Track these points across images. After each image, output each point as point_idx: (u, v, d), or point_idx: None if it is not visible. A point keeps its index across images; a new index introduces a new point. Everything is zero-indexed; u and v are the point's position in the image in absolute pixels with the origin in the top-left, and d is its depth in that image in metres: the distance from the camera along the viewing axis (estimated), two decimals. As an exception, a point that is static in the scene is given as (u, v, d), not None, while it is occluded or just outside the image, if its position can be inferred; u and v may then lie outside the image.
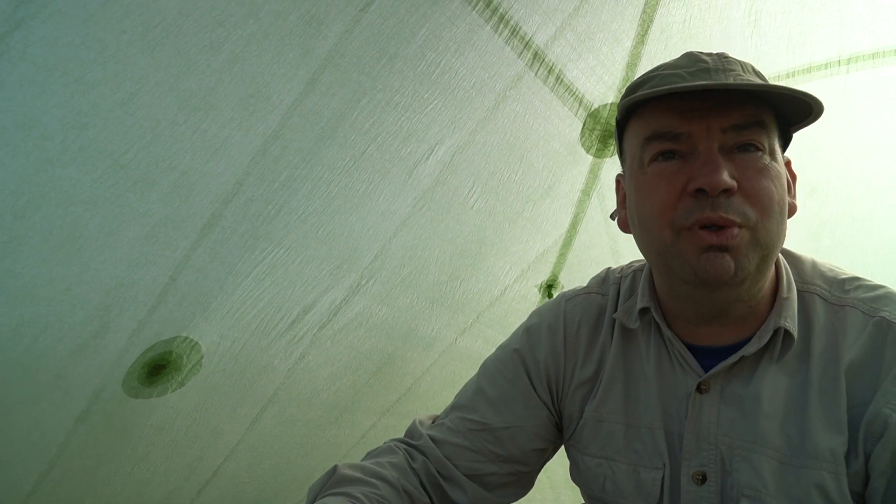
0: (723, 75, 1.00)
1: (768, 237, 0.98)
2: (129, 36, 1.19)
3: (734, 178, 0.97)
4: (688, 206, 0.99)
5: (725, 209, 0.96)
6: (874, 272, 2.09)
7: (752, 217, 0.97)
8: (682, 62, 1.05)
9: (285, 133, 1.48)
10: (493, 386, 1.28)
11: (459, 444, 1.24)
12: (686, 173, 1.00)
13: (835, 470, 0.98)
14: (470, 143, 1.79)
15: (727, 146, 0.99)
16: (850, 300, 1.06)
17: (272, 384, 1.97)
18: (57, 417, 1.62)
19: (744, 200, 0.97)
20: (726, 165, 0.97)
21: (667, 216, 1.02)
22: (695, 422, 1.09)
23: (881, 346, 1.00)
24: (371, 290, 1.93)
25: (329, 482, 1.12)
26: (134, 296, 1.52)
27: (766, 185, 0.98)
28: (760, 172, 0.98)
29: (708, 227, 0.98)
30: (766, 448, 1.03)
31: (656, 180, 1.03)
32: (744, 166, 0.98)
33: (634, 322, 1.18)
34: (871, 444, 0.97)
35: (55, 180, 1.26)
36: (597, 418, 1.21)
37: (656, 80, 1.04)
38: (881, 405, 0.97)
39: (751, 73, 1.03)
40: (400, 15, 1.46)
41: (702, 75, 1.00)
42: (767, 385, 1.04)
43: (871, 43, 1.79)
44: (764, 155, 0.99)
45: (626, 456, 1.16)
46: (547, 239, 2.18)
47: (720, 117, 0.98)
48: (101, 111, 1.24)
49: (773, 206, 0.98)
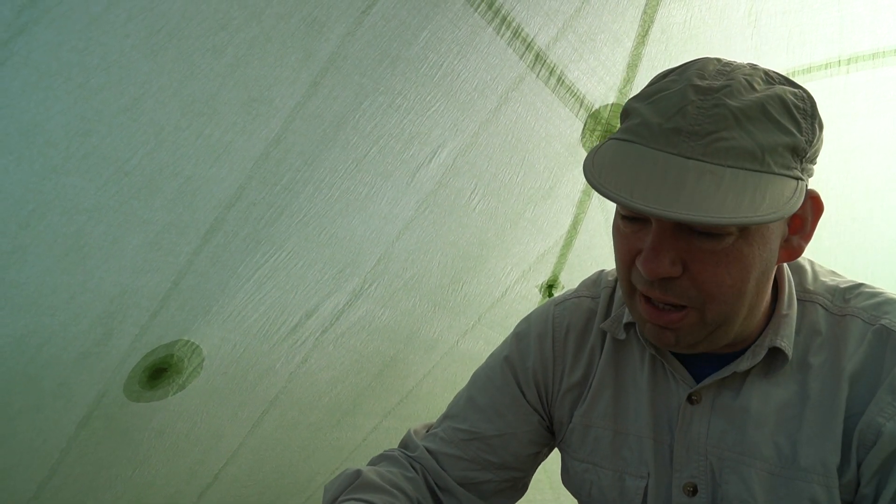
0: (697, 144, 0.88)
1: (717, 316, 0.96)
2: (133, 40, 1.18)
3: (682, 262, 0.93)
4: (637, 276, 0.98)
5: (666, 291, 0.95)
6: (874, 272, 2.10)
7: (698, 300, 0.95)
8: (665, 106, 0.92)
9: (287, 136, 1.47)
10: (483, 394, 1.28)
11: (452, 453, 1.24)
12: (639, 242, 0.96)
13: (826, 483, 0.98)
14: (472, 146, 1.79)
15: (685, 226, 0.92)
16: (851, 309, 1.05)
17: (274, 387, 1.96)
18: (59, 424, 1.61)
19: (690, 284, 0.94)
20: (676, 248, 0.92)
21: (625, 272, 1.02)
22: (685, 433, 1.08)
23: (881, 354, 0.99)
24: (374, 293, 1.93)
25: (353, 485, 1.12)
26: (137, 302, 1.51)
27: (715, 272, 0.92)
28: (712, 259, 0.92)
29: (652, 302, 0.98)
30: (755, 460, 1.03)
31: (619, 237, 1.01)
32: (696, 250, 0.92)
33: (622, 333, 1.17)
34: (864, 453, 0.97)
35: (59, 188, 1.25)
36: (585, 423, 1.20)
37: (631, 122, 0.96)
38: (875, 414, 0.97)
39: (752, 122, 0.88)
40: (402, 17, 1.46)
41: (672, 140, 0.89)
42: (758, 396, 1.04)
43: (871, 43, 1.79)
44: (727, 238, 0.91)
45: (613, 462, 1.16)
46: (548, 240, 2.18)
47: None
48: (105, 117, 1.22)
49: (722, 292, 0.94)
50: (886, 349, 0.99)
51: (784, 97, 0.91)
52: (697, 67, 0.95)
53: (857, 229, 2.07)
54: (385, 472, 1.18)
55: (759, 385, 1.04)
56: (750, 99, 0.89)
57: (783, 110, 0.90)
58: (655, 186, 0.86)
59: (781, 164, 0.89)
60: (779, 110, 0.90)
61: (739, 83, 0.91)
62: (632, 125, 0.95)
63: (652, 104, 0.94)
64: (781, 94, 0.92)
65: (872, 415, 0.96)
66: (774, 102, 0.90)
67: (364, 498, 1.09)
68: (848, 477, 0.98)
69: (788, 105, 0.91)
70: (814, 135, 0.94)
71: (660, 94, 0.94)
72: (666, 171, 0.87)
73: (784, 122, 0.90)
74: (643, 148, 0.91)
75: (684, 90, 0.91)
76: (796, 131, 0.91)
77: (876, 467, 0.96)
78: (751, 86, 0.92)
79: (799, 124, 0.91)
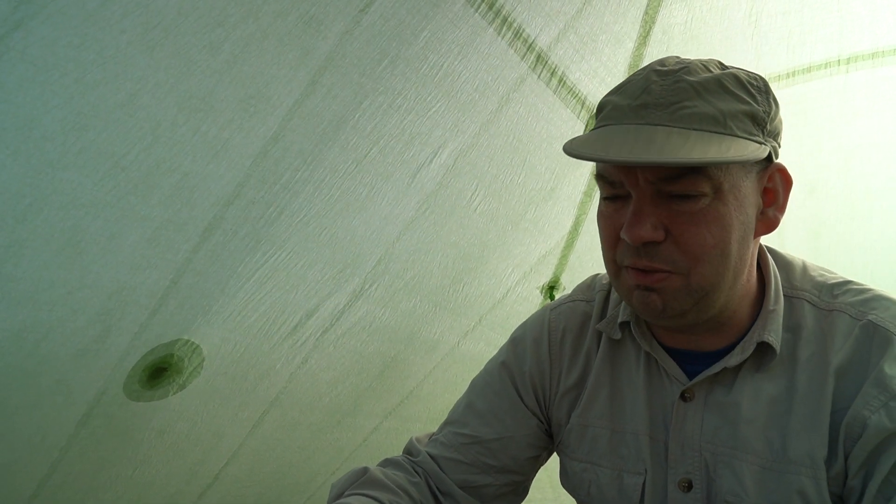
0: (664, 112, 0.95)
1: (703, 280, 0.98)
2: (129, 36, 1.19)
3: (664, 227, 0.96)
4: (623, 249, 1.01)
5: (651, 258, 0.97)
6: (873, 271, 2.09)
7: (683, 264, 0.97)
8: (632, 88, 1.00)
9: (286, 135, 1.47)
10: (482, 399, 1.30)
11: (453, 458, 1.25)
12: (622, 217, 0.99)
13: (814, 474, 0.99)
14: (473, 147, 1.79)
15: (663, 192, 0.96)
16: (838, 305, 1.06)
17: (274, 388, 1.96)
18: (58, 422, 1.62)
19: (674, 248, 0.96)
20: (656, 214, 0.96)
21: (609, 253, 1.05)
22: (679, 430, 1.10)
23: (868, 348, 1.00)
24: (374, 294, 1.93)
25: (360, 481, 1.15)
26: (136, 299, 1.51)
27: (697, 232, 0.95)
28: (693, 220, 0.95)
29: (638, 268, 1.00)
30: (747, 454, 1.04)
31: (602, 219, 1.06)
32: (677, 212, 0.96)
33: (617, 333, 1.19)
34: (850, 445, 0.98)
35: (56, 183, 1.25)
36: (582, 423, 1.22)
37: (604, 111, 1.02)
38: (861, 407, 0.97)
39: (709, 94, 0.96)
40: (401, 16, 1.46)
41: (640, 113, 0.96)
42: (749, 392, 1.05)
43: (871, 43, 1.79)
44: (702, 199, 0.95)
45: (611, 461, 1.17)
46: (549, 241, 2.18)
47: (649, 168, 0.95)
48: (102, 112, 1.23)
49: (706, 253, 0.96)
50: (873, 344, 1.00)
51: (738, 74, 0.99)
52: (657, 62, 1.03)
53: (856, 228, 2.06)
54: (391, 473, 1.20)
55: (750, 381, 1.06)
56: (707, 76, 0.97)
57: (738, 84, 0.98)
58: (628, 145, 0.92)
59: (743, 129, 0.95)
60: (734, 84, 0.97)
61: (696, 66, 0.99)
62: (604, 114, 1.02)
63: (620, 93, 1.01)
64: (735, 72, 0.99)
65: (858, 408, 0.97)
66: (729, 78, 0.97)
67: (370, 494, 1.11)
68: (836, 470, 0.99)
69: (742, 80, 0.98)
70: (770, 107, 1.00)
71: (626, 84, 1.02)
72: (637, 135, 0.94)
73: (740, 93, 0.97)
74: (615, 126, 0.98)
75: (647, 75, 0.99)
76: (752, 101, 0.97)
77: (862, 460, 0.97)
78: (706, 68, 0.99)
79: (754, 96, 0.98)
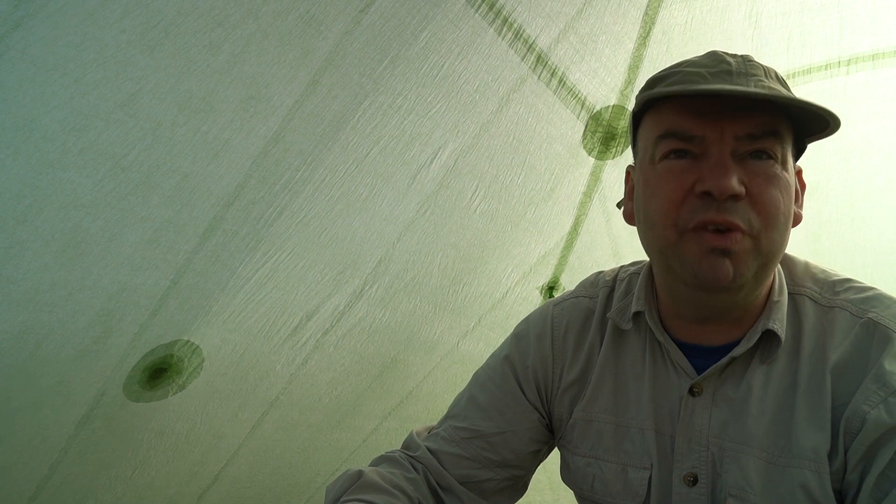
0: (744, 79, 0.99)
1: (770, 246, 0.99)
2: (129, 36, 1.19)
3: (743, 185, 0.97)
4: (693, 207, 0.99)
5: (731, 213, 0.96)
6: (874, 272, 2.09)
7: (757, 225, 0.97)
8: (705, 61, 1.03)
9: (286, 135, 1.47)
10: (484, 393, 1.29)
11: (454, 452, 1.25)
12: (695, 174, 0.99)
13: (817, 469, 0.99)
14: (473, 147, 1.79)
15: (739, 152, 0.98)
16: (839, 302, 1.07)
17: (274, 388, 1.96)
18: (58, 422, 1.61)
19: (750, 207, 0.97)
20: (736, 171, 0.97)
21: (671, 215, 1.01)
22: (687, 424, 1.10)
23: (867, 345, 1.01)
24: (374, 295, 1.93)
25: (355, 486, 1.13)
26: (136, 300, 1.51)
27: (773, 194, 0.97)
28: (770, 181, 0.98)
29: (712, 230, 0.98)
30: (754, 448, 1.04)
31: (665, 177, 1.03)
32: (754, 173, 0.98)
33: (627, 323, 1.19)
34: (850, 440, 0.99)
35: (56, 183, 1.25)
36: (586, 418, 1.21)
37: (677, 76, 1.03)
38: (860, 402, 0.98)
39: (773, 80, 1.01)
40: (401, 17, 1.46)
41: (723, 77, 0.99)
42: (757, 386, 1.06)
43: (871, 44, 1.79)
44: (775, 164, 0.98)
45: (616, 455, 1.17)
46: (549, 241, 2.17)
47: (736, 123, 0.97)
48: (102, 112, 1.23)
49: (779, 216, 0.98)
50: (873, 341, 1.01)
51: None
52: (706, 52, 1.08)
53: (856, 229, 2.06)
54: (386, 472, 1.19)
55: (758, 376, 1.06)
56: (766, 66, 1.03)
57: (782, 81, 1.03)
58: (717, 86, 0.96)
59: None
60: (781, 79, 1.03)
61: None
62: (676, 78, 1.04)
63: (688, 64, 1.05)
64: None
65: (858, 403, 0.98)
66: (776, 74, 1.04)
67: (366, 498, 1.10)
68: (837, 465, 1.00)
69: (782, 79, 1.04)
70: None
71: (688, 61, 1.06)
72: (723, 85, 0.97)
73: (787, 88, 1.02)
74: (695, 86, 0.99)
75: (713, 54, 1.04)
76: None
77: (861, 454, 0.97)
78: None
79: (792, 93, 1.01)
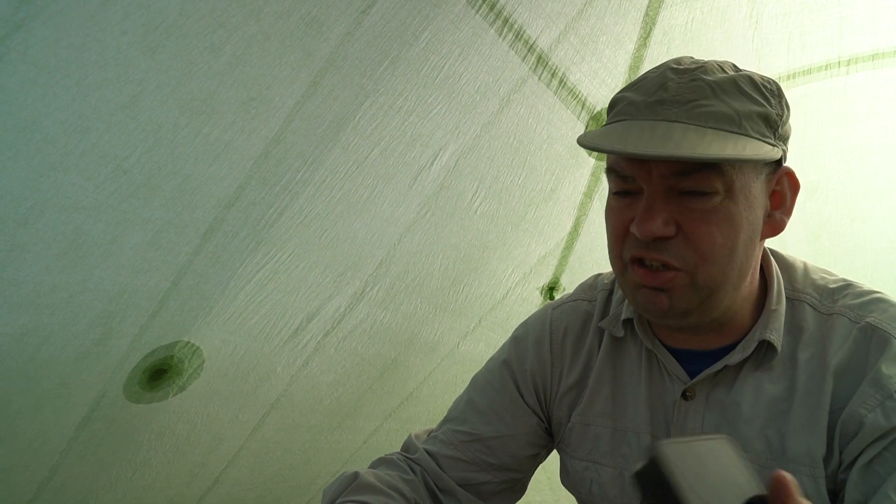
0: (677, 109, 0.96)
1: (709, 280, 0.99)
2: (130, 37, 1.18)
3: (675, 223, 0.97)
4: (631, 243, 1.02)
5: (661, 252, 0.98)
6: (874, 272, 2.10)
7: (691, 261, 0.97)
8: (648, 85, 1.01)
9: (287, 136, 1.47)
10: (482, 397, 1.30)
11: (452, 455, 1.26)
12: (632, 212, 1.00)
13: (813, 473, 1.01)
14: (474, 148, 1.79)
15: (676, 189, 0.97)
16: (838, 308, 1.08)
17: (275, 390, 1.96)
18: (59, 424, 1.61)
19: (685, 244, 0.97)
20: (668, 210, 0.97)
21: (617, 248, 1.05)
22: (680, 428, 1.11)
23: (865, 349, 1.02)
24: (375, 296, 1.92)
25: (351, 487, 1.14)
26: (136, 302, 1.51)
27: (708, 230, 0.96)
28: (704, 217, 0.96)
29: (647, 265, 1.00)
30: (747, 453, 1.04)
31: (611, 213, 1.06)
32: (688, 209, 0.97)
33: (620, 331, 1.20)
34: (845, 443, 1.00)
35: (58, 186, 1.25)
36: (584, 422, 1.22)
37: (620, 105, 1.03)
38: (857, 405, 0.99)
39: (729, 93, 0.97)
40: (402, 17, 1.46)
41: (654, 109, 0.97)
42: (749, 391, 1.07)
43: (871, 44, 1.80)
44: (714, 197, 0.96)
45: (613, 459, 1.18)
46: (549, 242, 2.17)
47: (661, 163, 0.96)
48: (103, 114, 1.23)
49: (715, 252, 0.97)
50: (871, 344, 1.02)
51: (752, 77, 1.00)
52: (672, 60, 1.04)
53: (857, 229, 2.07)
54: (383, 474, 1.20)
55: (751, 381, 1.07)
56: (723, 76, 0.98)
57: (753, 86, 0.99)
58: (645, 140, 0.94)
59: (757, 130, 0.96)
60: (749, 86, 0.98)
61: (712, 66, 1.00)
62: (619, 109, 1.03)
63: (635, 89, 1.03)
64: (750, 74, 1.00)
65: (855, 406, 0.99)
66: (745, 80, 0.99)
67: (361, 499, 1.11)
68: (832, 467, 1.01)
69: (756, 83, 0.99)
70: (782, 111, 1.01)
71: (641, 81, 1.03)
72: (653, 130, 0.95)
73: (755, 95, 0.98)
74: (631, 121, 0.99)
75: (663, 72, 1.01)
76: (766, 104, 0.98)
77: (856, 454, 0.98)
78: (722, 69, 1.00)
79: (768, 99, 0.99)
